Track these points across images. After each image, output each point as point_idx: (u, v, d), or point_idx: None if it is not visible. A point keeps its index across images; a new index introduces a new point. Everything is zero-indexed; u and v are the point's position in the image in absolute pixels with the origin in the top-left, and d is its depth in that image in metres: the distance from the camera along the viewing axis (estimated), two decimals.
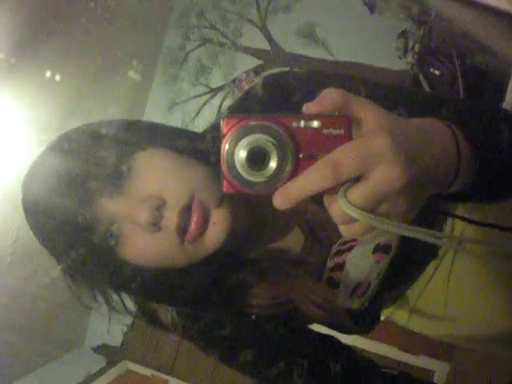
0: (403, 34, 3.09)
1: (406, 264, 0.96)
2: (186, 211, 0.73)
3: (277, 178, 0.52)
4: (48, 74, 2.53)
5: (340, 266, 0.89)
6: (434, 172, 0.54)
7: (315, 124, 0.52)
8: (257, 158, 0.52)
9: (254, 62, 3.44)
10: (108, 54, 3.03)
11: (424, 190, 0.54)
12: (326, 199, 0.53)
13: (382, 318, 1.12)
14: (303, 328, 0.98)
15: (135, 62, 3.23)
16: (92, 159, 0.74)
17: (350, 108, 0.53)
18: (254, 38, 3.44)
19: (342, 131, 0.52)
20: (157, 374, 3.32)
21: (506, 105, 1.80)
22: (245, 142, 0.52)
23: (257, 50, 3.45)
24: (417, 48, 3.02)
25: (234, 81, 3.43)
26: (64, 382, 3.05)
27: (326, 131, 0.52)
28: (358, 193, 0.50)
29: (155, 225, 0.72)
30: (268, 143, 0.51)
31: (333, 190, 0.51)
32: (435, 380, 2.66)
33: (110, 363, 3.39)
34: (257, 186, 0.52)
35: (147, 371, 3.35)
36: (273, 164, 0.51)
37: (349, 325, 0.94)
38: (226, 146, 0.52)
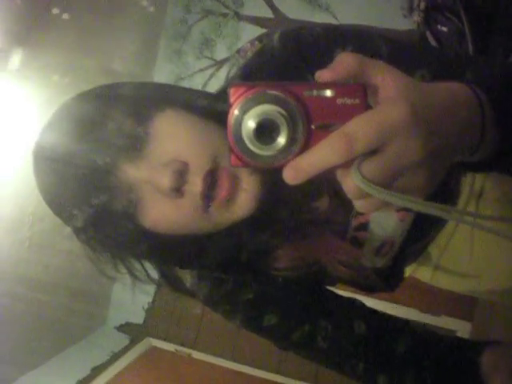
0: None
1: (428, 218, 0.95)
2: (211, 176, 0.69)
3: (287, 152, 0.49)
4: (55, 11, 2.47)
5: (364, 226, 0.88)
6: (457, 141, 0.51)
7: (328, 93, 0.49)
8: (265, 131, 0.49)
9: (258, 31, 3.39)
10: None
11: (445, 160, 0.51)
12: (340, 173, 0.51)
13: (406, 275, 1.12)
14: (327, 291, 0.97)
15: None
16: (109, 122, 0.70)
17: (367, 74, 0.50)
18: (256, 7, 3.38)
19: (357, 101, 0.49)
20: (180, 348, 3.36)
21: None
22: (253, 113, 0.49)
23: (260, 19, 3.40)
24: (422, 6, 2.96)
25: (238, 51, 3.39)
26: (90, 361, 3.09)
27: (340, 101, 0.49)
28: (373, 167, 0.48)
29: (178, 190, 0.68)
30: (277, 114, 0.49)
31: (347, 164, 0.49)
32: None
33: (134, 341, 3.43)
34: (266, 160, 0.50)
35: (171, 346, 3.38)
36: (282, 137, 0.49)
37: (374, 283, 0.93)
38: (233, 117, 0.50)
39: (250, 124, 0.49)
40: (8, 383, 2.72)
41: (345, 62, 0.50)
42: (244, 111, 0.49)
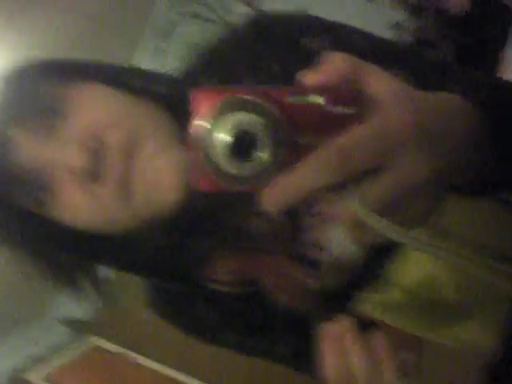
0: (395, 26, 3.06)
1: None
2: (131, 157, 0.61)
3: (268, 171, 0.40)
4: None
5: (316, 244, 0.80)
6: (460, 155, 0.44)
7: (317, 99, 0.41)
8: (241, 146, 0.40)
9: None
10: None
11: (450, 179, 0.45)
12: (330, 197, 0.43)
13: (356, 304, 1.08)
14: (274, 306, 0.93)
15: None
16: (13, 96, 0.62)
17: (360, 78, 0.43)
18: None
19: (352, 109, 0.41)
20: (125, 351, 3.28)
21: None
22: (225, 124, 0.40)
23: None
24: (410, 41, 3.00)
25: None
26: (29, 352, 3.03)
27: (331, 109, 0.40)
28: (374, 190, 0.41)
29: (93, 173, 0.60)
30: (256, 125, 0.39)
31: (339, 185, 0.41)
32: None
33: (78, 337, 3.34)
34: (242, 182, 0.41)
35: (115, 348, 3.30)
36: (262, 153, 0.40)
37: (312, 310, 0.89)
38: (200, 130, 0.40)
39: (222, 138, 0.40)
40: None
41: (334, 63, 0.43)
42: (214, 123, 0.40)
